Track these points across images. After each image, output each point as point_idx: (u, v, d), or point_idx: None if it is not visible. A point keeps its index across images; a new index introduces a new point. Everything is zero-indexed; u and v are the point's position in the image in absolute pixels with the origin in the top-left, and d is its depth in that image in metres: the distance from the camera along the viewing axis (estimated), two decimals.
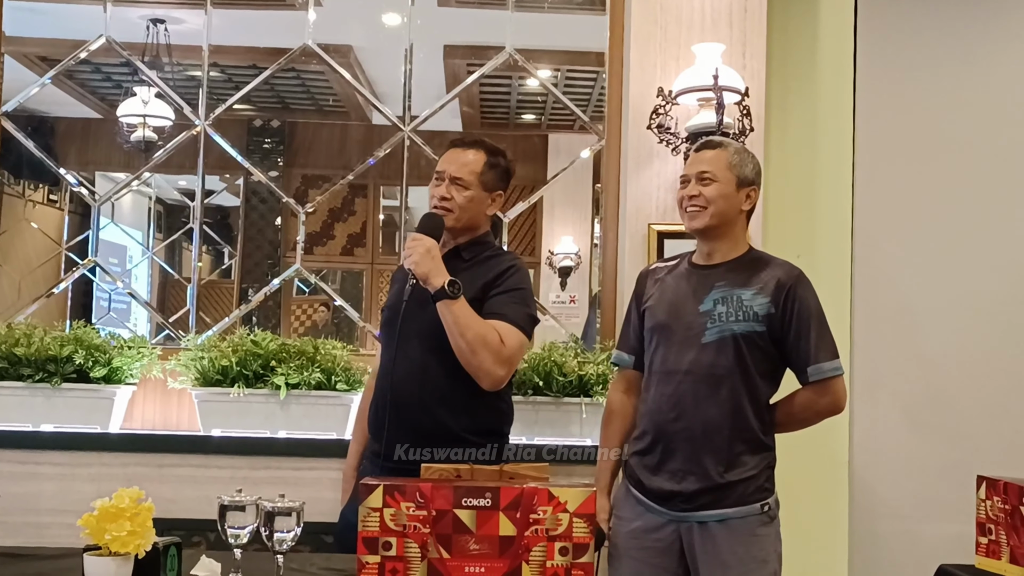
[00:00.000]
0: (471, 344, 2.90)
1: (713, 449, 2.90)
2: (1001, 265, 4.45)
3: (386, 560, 2.16)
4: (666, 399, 2.96)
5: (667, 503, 2.94)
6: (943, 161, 4.51)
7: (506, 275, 3.06)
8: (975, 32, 4.55)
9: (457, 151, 3.14)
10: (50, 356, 3.87)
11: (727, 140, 3.16)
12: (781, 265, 3.02)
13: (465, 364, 2.94)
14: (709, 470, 2.89)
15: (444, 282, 2.88)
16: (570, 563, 2.16)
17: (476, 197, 3.10)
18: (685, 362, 2.94)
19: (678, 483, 2.92)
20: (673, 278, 3.10)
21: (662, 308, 3.04)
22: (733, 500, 2.89)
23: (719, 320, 2.93)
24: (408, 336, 3.00)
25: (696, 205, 2.99)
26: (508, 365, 2.99)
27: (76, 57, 4.60)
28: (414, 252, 2.92)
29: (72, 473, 3.74)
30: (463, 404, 3.01)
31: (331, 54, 4.62)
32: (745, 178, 3.02)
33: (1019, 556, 2.83)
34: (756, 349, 2.93)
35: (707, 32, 4.04)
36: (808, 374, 2.96)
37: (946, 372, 4.43)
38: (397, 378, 3.00)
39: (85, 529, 2.11)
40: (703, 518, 2.90)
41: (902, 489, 4.36)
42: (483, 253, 3.14)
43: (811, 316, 2.95)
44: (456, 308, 2.89)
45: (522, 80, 5.04)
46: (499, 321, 2.97)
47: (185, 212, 5.24)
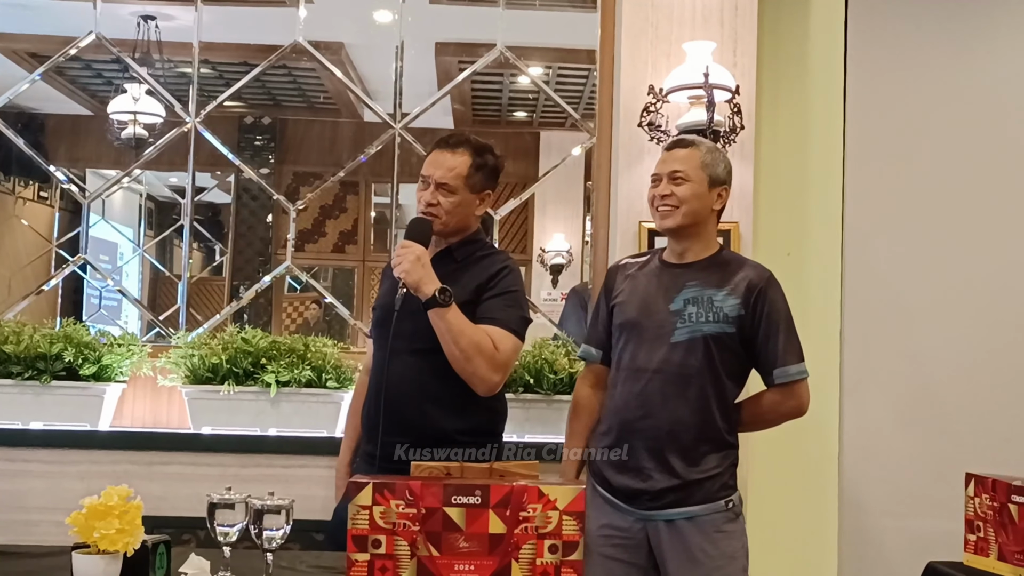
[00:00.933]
0: (465, 351, 2.89)
1: (679, 448, 2.93)
2: (991, 262, 4.46)
3: (375, 558, 2.16)
4: (634, 397, 2.98)
5: (633, 501, 2.96)
6: (933, 159, 4.52)
7: (498, 277, 3.04)
8: (965, 31, 4.56)
9: (442, 154, 3.07)
10: (39, 354, 3.86)
11: (699, 139, 3.17)
12: (752, 267, 3.05)
13: (459, 371, 2.93)
14: (675, 468, 2.92)
15: (435, 290, 2.85)
16: (560, 561, 2.16)
17: (463, 201, 3.06)
18: (654, 360, 2.96)
19: (644, 481, 2.94)
20: (644, 275, 3.11)
21: (632, 305, 3.06)
22: (699, 498, 2.93)
23: (689, 320, 2.95)
24: (401, 339, 2.96)
25: (668, 204, 3.01)
26: (503, 370, 2.99)
27: (66, 54, 4.58)
28: (404, 260, 2.88)
29: (61, 471, 3.73)
30: (458, 405, 3.00)
31: (322, 51, 4.62)
32: (717, 177, 3.04)
33: (1007, 553, 2.83)
34: (725, 350, 2.96)
35: (698, 30, 4.04)
36: (774, 376, 3.00)
37: (936, 369, 4.44)
38: (391, 381, 2.96)
39: (74, 527, 2.10)
40: (670, 516, 2.94)
41: (891, 486, 4.37)
42: (475, 253, 3.12)
43: (780, 319, 2.99)
44: (449, 316, 2.87)
45: (514, 77, 5.04)
46: (492, 327, 2.95)
47: (176, 209, 5.24)
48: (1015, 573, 2.79)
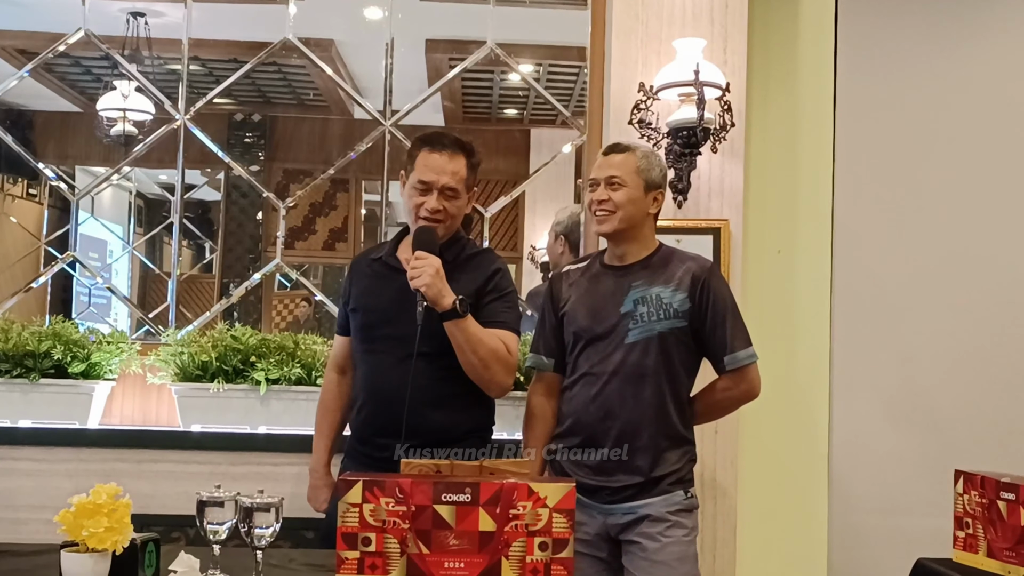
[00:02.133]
0: (484, 360, 2.94)
1: (640, 447, 3.01)
2: (981, 260, 4.46)
3: (365, 556, 2.16)
4: (592, 400, 3.05)
5: (594, 495, 3.02)
6: (923, 157, 4.52)
7: (495, 278, 3.08)
8: (955, 30, 4.56)
9: (440, 157, 3.05)
10: (28, 351, 3.85)
11: (635, 143, 3.23)
12: (693, 259, 3.12)
13: (476, 378, 2.97)
14: (638, 466, 3.00)
15: (453, 301, 2.87)
16: (549, 558, 2.16)
17: (463, 202, 3.11)
18: (611, 363, 3.03)
19: (606, 479, 3.02)
20: (587, 280, 3.18)
21: (582, 312, 3.12)
22: (658, 491, 3.01)
23: (641, 320, 3.02)
24: (405, 344, 2.94)
25: (605, 210, 3.08)
26: (514, 373, 3.07)
27: (55, 50, 4.57)
28: (424, 274, 2.86)
29: (50, 469, 3.72)
30: (463, 405, 3.04)
31: (312, 48, 4.61)
32: (652, 182, 3.11)
33: (996, 550, 2.84)
34: (679, 344, 3.05)
35: (688, 27, 4.04)
36: (725, 363, 3.08)
37: (925, 367, 4.45)
38: (399, 387, 2.94)
39: (62, 525, 2.10)
40: (629, 508, 3.01)
41: (881, 483, 4.37)
42: (463, 251, 3.14)
43: (726, 307, 3.07)
44: (466, 326, 2.90)
45: (504, 75, 5.03)
46: (501, 330, 3.00)
47: (165, 207, 5.21)
48: (1004, 569, 2.80)
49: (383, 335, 3.08)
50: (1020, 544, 2.75)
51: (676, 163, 3.93)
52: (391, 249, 3.18)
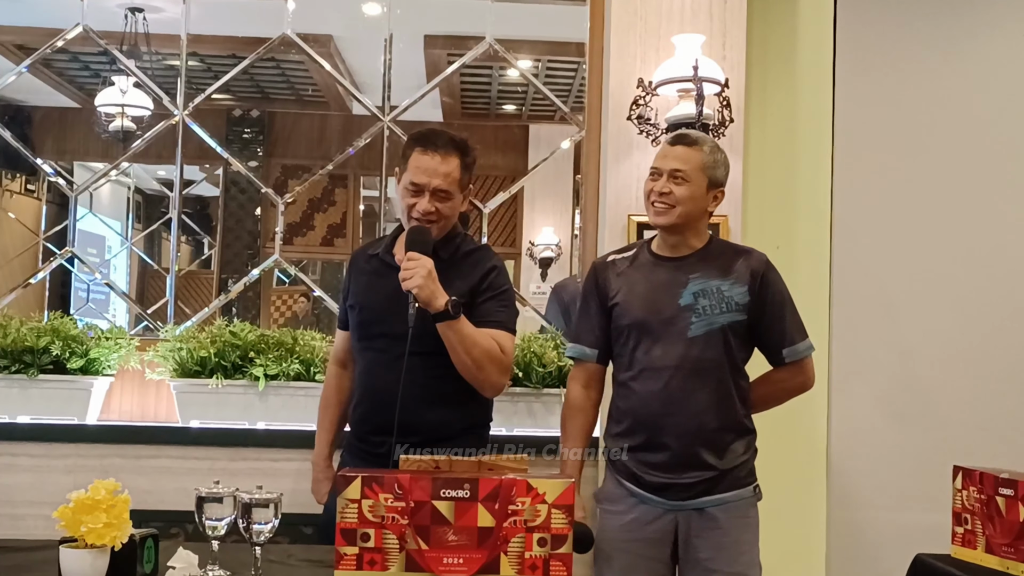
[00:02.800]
0: (477, 361, 2.91)
1: (706, 441, 2.95)
2: (979, 256, 4.47)
3: (364, 551, 2.16)
4: (656, 395, 2.97)
5: (664, 493, 2.97)
6: (922, 152, 4.52)
7: (491, 277, 3.05)
8: (954, 26, 4.56)
9: (432, 159, 2.99)
10: (26, 347, 3.85)
11: (702, 136, 3.13)
12: (748, 252, 3.09)
13: (470, 378, 2.95)
14: (706, 461, 2.95)
15: (446, 303, 2.85)
16: (548, 554, 2.16)
17: (457, 202, 3.06)
18: (672, 357, 2.96)
19: (677, 476, 2.95)
20: (638, 271, 3.10)
21: (636, 304, 3.04)
22: (728, 484, 2.97)
23: (704, 313, 2.97)
24: (400, 343, 2.91)
25: (664, 203, 3.00)
26: (509, 372, 3.06)
27: (53, 46, 4.56)
28: (416, 275, 2.83)
29: (49, 465, 3.73)
30: (458, 403, 3.02)
31: (311, 44, 4.60)
32: (716, 180, 3.05)
33: (994, 546, 2.84)
34: (738, 337, 3.00)
35: (687, 23, 4.04)
36: (784, 355, 3.06)
37: (924, 363, 4.45)
38: (394, 386, 2.91)
39: (61, 521, 2.09)
40: (702, 504, 2.96)
41: (879, 479, 4.37)
42: (460, 249, 3.11)
43: (784, 300, 3.07)
44: (459, 327, 2.88)
45: (503, 70, 5.03)
46: (496, 330, 2.98)
47: (164, 202, 5.22)
48: (1002, 565, 2.80)
49: (378, 333, 3.07)
50: (1018, 540, 2.75)
51: None
52: (388, 246, 3.16)
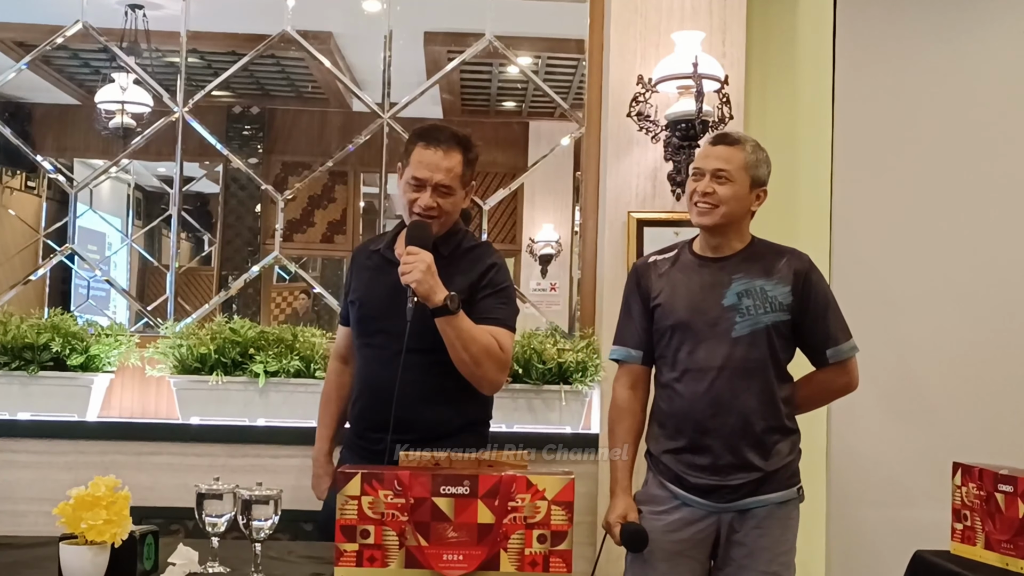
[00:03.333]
0: (475, 357, 2.90)
1: (752, 442, 2.96)
2: (978, 254, 4.47)
3: (364, 548, 2.17)
4: (701, 396, 2.97)
5: (710, 495, 2.97)
6: (922, 150, 4.52)
7: (490, 273, 3.04)
8: (953, 23, 4.56)
9: (434, 154, 2.99)
10: (27, 344, 3.85)
11: (744, 136, 3.12)
12: (791, 252, 3.09)
13: (468, 375, 2.94)
14: (752, 462, 2.95)
15: (444, 298, 2.84)
16: (548, 550, 2.17)
17: (459, 198, 3.06)
18: (718, 358, 2.96)
19: (723, 478, 2.95)
20: (680, 272, 3.09)
21: (680, 304, 3.03)
22: (773, 486, 2.98)
23: (748, 313, 2.97)
24: (399, 339, 2.90)
25: (708, 203, 3.00)
26: (507, 370, 3.05)
27: (53, 43, 4.56)
28: (415, 270, 2.82)
29: (49, 461, 3.73)
30: (458, 400, 3.02)
31: (310, 40, 4.60)
32: (759, 179, 3.04)
33: (994, 542, 2.85)
34: (782, 338, 3.01)
35: (687, 20, 4.04)
36: (828, 356, 3.07)
37: (923, 361, 4.45)
38: (384, 378, 2.93)
39: (61, 518, 2.10)
40: (747, 505, 2.97)
41: (879, 476, 4.38)
42: (461, 245, 3.10)
43: (827, 300, 3.07)
44: (458, 323, 2.86)
45: (502, 67, 5.03)
46: (495, 327, 2.97)
47: (164, 199, 5.21)
48: (1002, 561, 2.80)
49: (377, 329, 3.07)
50: (1018, 536, 2.76)
51: (674, 155, 3.93)
52: (389, 242, 3.16)
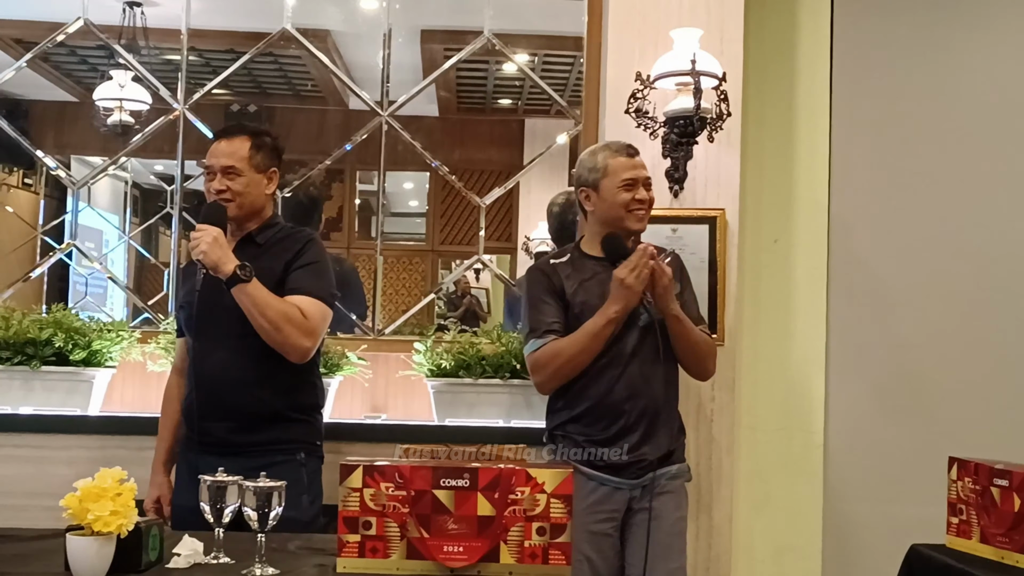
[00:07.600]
0: (273, 322, 2.96)
1: (663, 421, 3.22)
2: (975, 250, 4.48)
3: (366, 539, 2.19)
4: (617, 380, 3.19)
5: (622, 472, 3.19)
6: (919, 146, 4.54)
7: (303, 250, 3.14)
8: (952, 20, 4.57)
9: (220, 144, 3.17)
10: (29, 339, 3.86)
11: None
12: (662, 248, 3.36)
13: (271, 342, 2.99)
14: (662, 440, 3.20)
15: (235, 267, 2.92)
16: (547, 542, 2.19)
17: (252, 180, 3.15)
18: (629, 346, 3.20)
19: (637, 455, 3.18)
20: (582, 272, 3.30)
21: (595, 298, 3.22)
22: (675, 459, 3.29)
23: (649, 304, 3.19)
24: (216, 328, 3.04)
25: (644, 209, 3.29)
26: (313, 336, 3.06)
27: (52, 40, 4.57)
28: (201, 242, 2.93)
29: (51, 456, 3.74)
30: (284, 383, 3.08)
31: (309, 38, 4.61)
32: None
33: (989, 536, 2.86)
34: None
35: (685, 17, 4.04)
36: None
37: (920, 356, 4.47)
38: (213, 370, 3.04)
39: (64, 512, 2.10)
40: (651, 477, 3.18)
41: (875, 471, 4.40)
42: (277, 234, 3.20)
43: (691, 284, 3.46)
44: (251, 290, 2.94)
45: (499, 65, 5.04)
46: (298, 296, 3.04)
47: (161, 197, 5.23)
48: (997, 555, 2.82)
49: (200, 324, 3.12)
50: (1013, 530, 2.77)
51: (673, 152, 3.94)
52: None
